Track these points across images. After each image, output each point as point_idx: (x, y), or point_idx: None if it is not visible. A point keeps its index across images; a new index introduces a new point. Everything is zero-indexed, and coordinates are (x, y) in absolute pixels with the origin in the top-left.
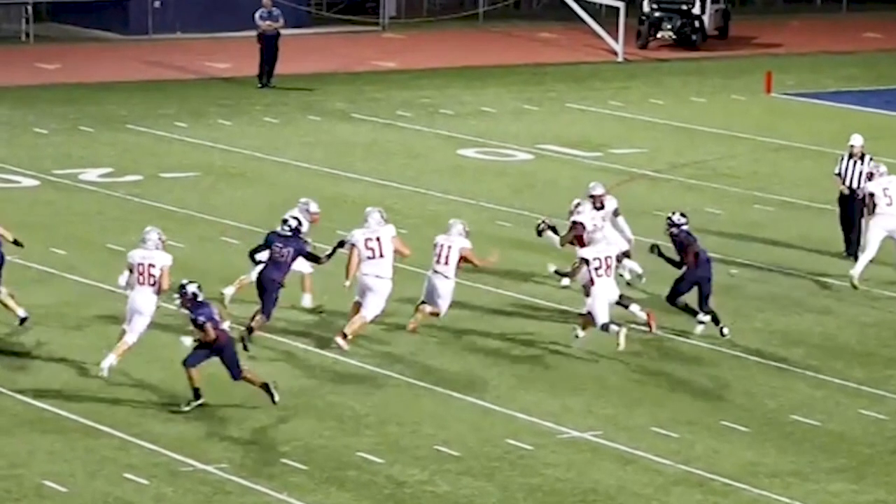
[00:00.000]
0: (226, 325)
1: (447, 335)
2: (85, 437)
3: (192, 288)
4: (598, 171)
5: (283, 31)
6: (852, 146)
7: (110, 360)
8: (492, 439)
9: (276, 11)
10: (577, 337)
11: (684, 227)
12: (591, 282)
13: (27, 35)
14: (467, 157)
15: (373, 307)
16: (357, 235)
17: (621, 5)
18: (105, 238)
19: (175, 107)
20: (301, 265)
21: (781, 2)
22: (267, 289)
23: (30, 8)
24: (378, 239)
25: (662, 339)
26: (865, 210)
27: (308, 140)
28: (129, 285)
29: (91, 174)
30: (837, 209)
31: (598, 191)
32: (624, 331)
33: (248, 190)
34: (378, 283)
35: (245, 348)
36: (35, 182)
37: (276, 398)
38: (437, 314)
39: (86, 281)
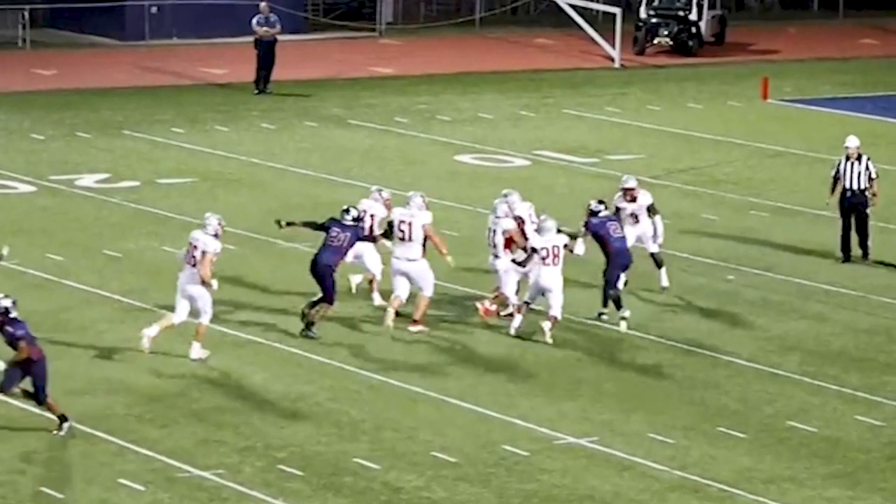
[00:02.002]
0: (39, 344)
1: (443, 341)
2: (81, 442)
3: (5, 303)
4: (595, 178)
5: (280, 37)
6: (847, 147)
7: (153, 329)
8: (488, 445)
9: (273, 17)
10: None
11: (602, 215)
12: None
13: (24, 41)
14: (464, 162)
15: (425, 287)
16: (395, 215)
17: (618, 11)
18: (101, 244)
19: (172, 113)
20: (373, 266)
21: (778, 8)
22: (323, 274)
23: (27, 14)
24: (410, 223)
25: (658, 346)
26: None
27: (305, 146)
28: (181, 263)
29: (87, 180)
30: (839, 214)
31: (630, 184)
32: (549, 325)
33: (244, 196)
34: (411, 265)
35: (310, 337)
36: (32, 188)
37: (64, 433)
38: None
39: (82, 287)
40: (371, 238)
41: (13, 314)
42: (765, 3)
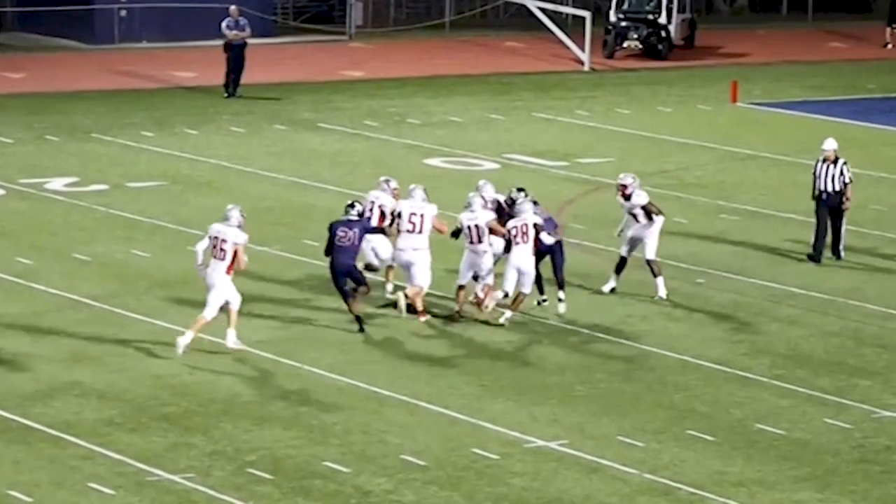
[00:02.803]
0: None
1: (414, 344)
2: (51, 446)
3: None
4: (565, 181)
5: (249, 41)
6: (824, 150)
7: (187, 337)
8: (458, 449)
9: (242, 21)
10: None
11: (520, 204)
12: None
13: None
14: (434, 166)
15: (423, 278)
16: (404, 206)
17: (587, 15)
18: (71, 247)
19: (141, 116)
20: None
21: (748, 12)
22: (342, 273)
23: None
24: (422, 215)
25: (628, 349)
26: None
27: (275, 149)
28: (204, 262)
29: (57, 183)
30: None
31: (624, 180)
32: (508, 315)
33: (214, 199)
34: (417, 255)
35: (362, 330)
36: (0, 191)
37: None
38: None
39: (52, 290)
40: (380, 230)
41: None
42: (734, 7)
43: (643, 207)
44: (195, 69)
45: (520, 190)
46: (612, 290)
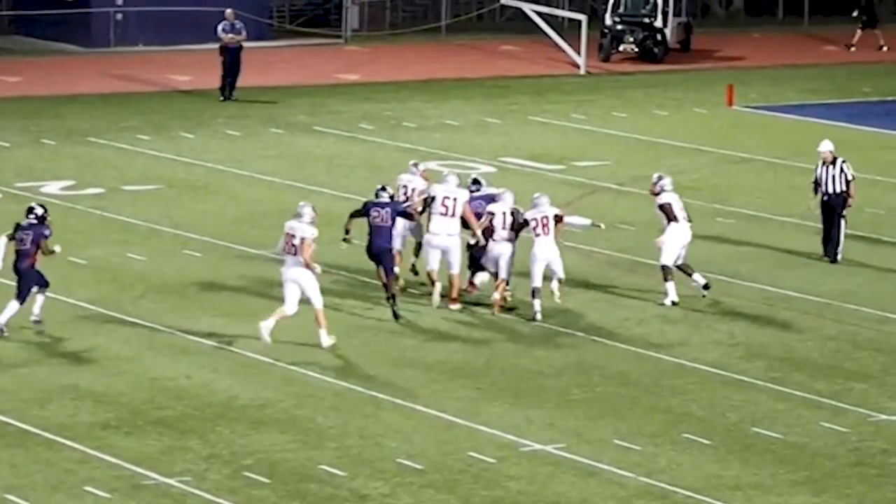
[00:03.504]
0: None
1: (410, 348)
2: (46, 450)
3: None
4: (561, 184)
5: (245, 44)
6: (820, 152)
7: (270, 322)
8: (454, 452)
9: (238, 24)
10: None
11: (475, 195)
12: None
13: None
14: (430, 169)
15: (457, 263)
16: (437, 190)
17: (583, 18)
18: (67, 251)
19: (137, 120)
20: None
21: (743, 15)
22: (380, 255)
23: None
24: (455, 199)
25: (625, 352)
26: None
27: (270, 153)
28: (280, 253)
29: (53, 187)
30: (821, 217)
31: (653, 179)
32: (555, 284)
33: (210, 203)
34: (450, 240)
35: (397, 317)
36: None
37: None
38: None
39: (48, 294)
40: (409, 215)
41: None
42: (730, 10)
43: (660, 208)
44: (191, 73)
45: (475, 182)
46: (674, 303)
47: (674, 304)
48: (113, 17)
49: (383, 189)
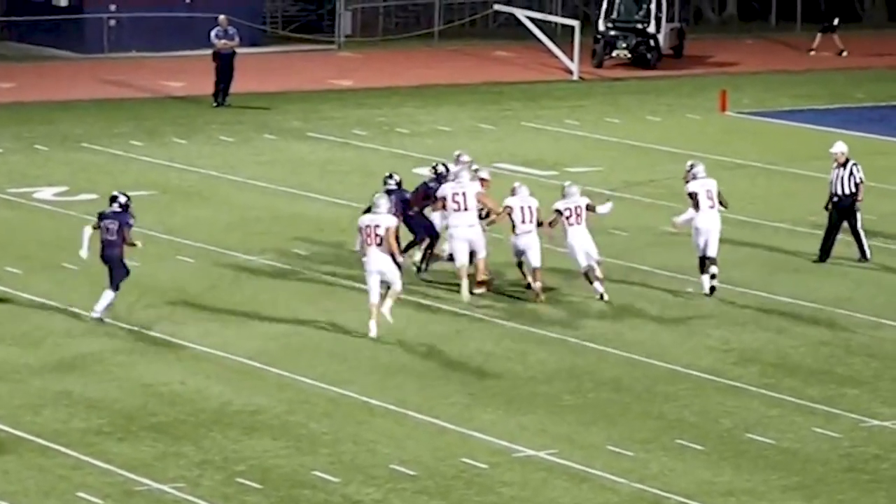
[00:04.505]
0: None
1: (403, 354)
2: (39, 456)
3: None
4: (554, 190)
5: (238, 50)
6: (832, 153)
7: (373, 324)
8: (447, 458)
9: (231, 30)
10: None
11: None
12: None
13: None
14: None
15: (482, 248)
16: (447, 189)
17: (576, 24)
18: (60, 257)
19: (130, 126)
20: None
21: (736, 21)
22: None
23: None
24: (464, 194)
25: (617, 358)
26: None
27: (264, 159)
28: (361, 250)
29: (46, 193)
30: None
31: (686, 167)
32: (598, 276)
33: (204, 209)
34: (471, 231)
35: (420, 270)
36: None
37: None
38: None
39: (41, 299)
40: (409, 203)
41: None
42: (723, 16)
43: (689, 195)
44: (184, 78)
45: (435, 169)
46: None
47: (711, 290)
48: (106, 23)
49: (390, 176)
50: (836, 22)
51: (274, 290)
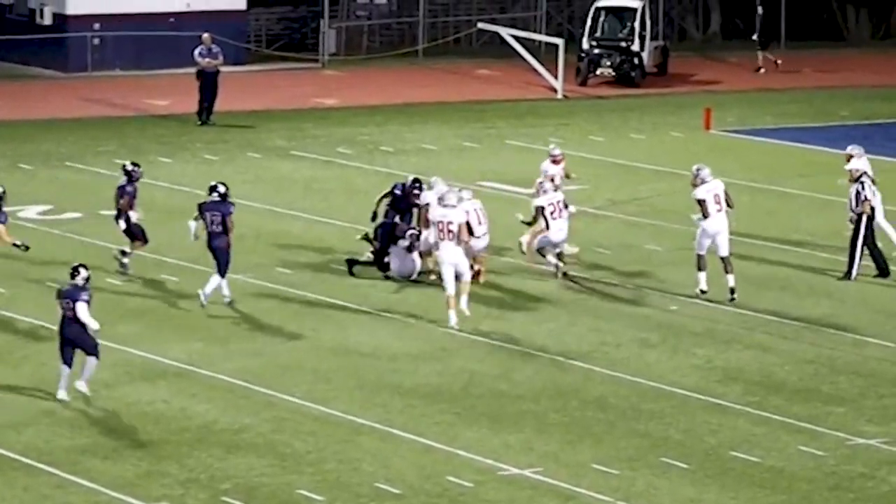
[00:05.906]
0: None
1: (388, 372)
2: (24, 475)
3: None
4: None
5: (222, 69)
6: (845, 169)
7: (453, 316)
8: (432, 476)
9: (215, 48)
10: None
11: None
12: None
13: None
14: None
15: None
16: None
17: (560, 42)
18: (44, 275)
19: (114, 144)
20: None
21: (720, 39)
22: None
23: None
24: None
25: (602, 376)
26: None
27: (248, 177)
28: (435, 244)
29: (30, 211)
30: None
31: (696, 171)
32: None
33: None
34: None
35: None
36: None
37: None
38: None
39: (26, 319)
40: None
41: None
42: (707, 34)
43: (697, 201)
44: (168, 97)
45: (415, 181)
46: (702, 292)
47: (702, 292)
48: (90, 41)
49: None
50: (755, 37)
51: (258, 309)
